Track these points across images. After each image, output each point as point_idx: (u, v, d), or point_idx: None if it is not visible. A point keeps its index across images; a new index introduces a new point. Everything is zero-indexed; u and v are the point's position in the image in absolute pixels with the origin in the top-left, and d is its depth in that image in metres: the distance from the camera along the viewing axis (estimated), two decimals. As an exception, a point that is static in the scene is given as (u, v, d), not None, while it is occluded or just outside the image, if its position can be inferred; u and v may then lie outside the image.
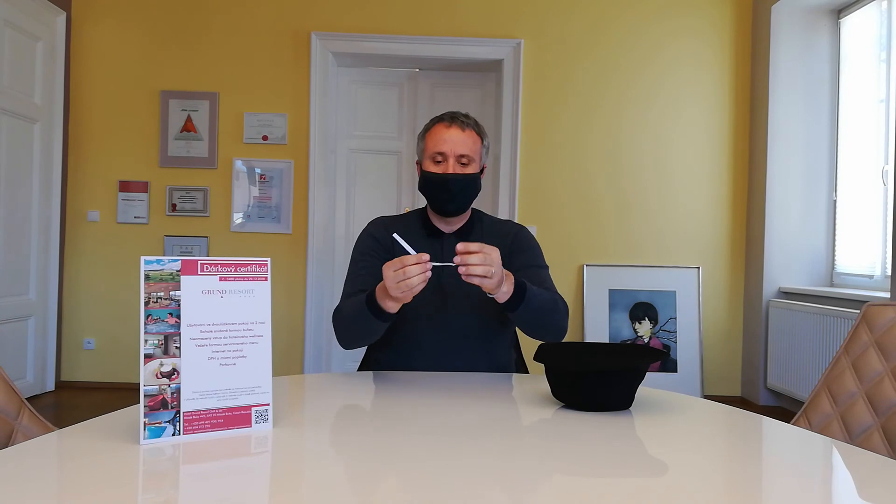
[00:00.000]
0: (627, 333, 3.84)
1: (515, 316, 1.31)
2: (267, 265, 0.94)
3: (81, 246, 3.82)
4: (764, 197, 3.69)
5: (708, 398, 2.30)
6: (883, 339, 1.22)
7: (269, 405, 0.93)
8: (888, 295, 2.92)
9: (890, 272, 2.90)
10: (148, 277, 0.86)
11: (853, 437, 1.19)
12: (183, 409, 0.87)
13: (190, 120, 3.81)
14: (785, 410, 3.56)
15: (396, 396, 1.16)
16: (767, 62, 3.69)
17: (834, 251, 3.64)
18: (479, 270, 1.14)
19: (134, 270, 3.79)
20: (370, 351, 1.57)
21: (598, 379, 1.05)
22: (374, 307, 1.25)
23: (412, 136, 4.04)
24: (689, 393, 3.23)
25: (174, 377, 0.86)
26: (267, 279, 0.94)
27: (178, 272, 0.88)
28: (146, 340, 0.85)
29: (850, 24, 3.59)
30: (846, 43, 3.62)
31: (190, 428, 0.87)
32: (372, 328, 1.30)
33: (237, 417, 0.90)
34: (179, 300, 0.87)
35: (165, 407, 0.86)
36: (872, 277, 3.25)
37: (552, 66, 3.87)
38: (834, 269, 3.63)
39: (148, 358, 0.85)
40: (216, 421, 0.89)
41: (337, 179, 4.06)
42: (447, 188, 1.42)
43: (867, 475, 0.81)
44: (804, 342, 3.30)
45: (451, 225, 1.52)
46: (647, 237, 3.89)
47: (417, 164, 1.53)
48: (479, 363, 1.45)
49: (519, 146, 3.84)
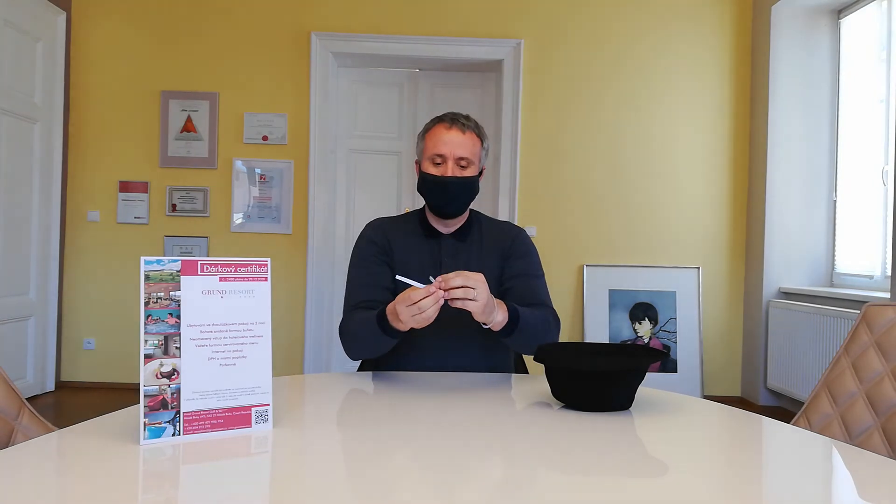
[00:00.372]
0: (627, 334, 3.84)
1: (510, 341, 1.33)
2: (267, 265, 0.94)
3: (81, 246, 3.82)
4: (764, 197, 3.69)
5: (708, 398, 2.30)
6: (883, 339, 1.22)
7: (269, 405, 0.93)
8: (888, 295, 2.92)
9: (890, 272, 2.90)
10: (148, 278, 0.86)
11: (853, 437, 1.19)
12: (183, 409, 0.87)
13: (190, 120, 3.81)
14: (785, 410, 3.55)
15: (396, 396, 1.16)
16: (767, 62, 3.69)
17: (834, 251, 3.64)
18: (458, 293, 1.14)
19: (134, 271, 3.79)
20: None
21: (598, 379, 1.05)
22: (385, 327, 1.26)
23: (412, 136, 4.04)
24: (689, 393, 3.22)
25: (174, 377, 0.86)
26: (267, 279, 0.94)
27: (178, 272, 0.88)
28: (146, 341, 0.85)
29: (850, 24, 3.59)
30: (846, 43, 3.61)
31: (190, 428, 0.87)
32: (384, 344, 1.32)
33: (237, 418, 0.90)
34: (179, 300, 0.87)
35: (165, 407, 0.86)
36: (872, 278, 3.25)
37: (552, 66, 3.87)
38: (834, 269, 3.63)
39: (148, 358, 0.85)
40: (216, 421, 0.89)
41: (337, 180, 4.06)
42: (446, 191, 1.43)
43: (867, 475, 0.81)
44: (804, 342, 3.30)
45: (449, 226, 1.52)
46: (647, 237, 3.89)
47: (416, 163, 1.53)
48: (478, 363, 1.45)
49: (519, 146, 3.84)
